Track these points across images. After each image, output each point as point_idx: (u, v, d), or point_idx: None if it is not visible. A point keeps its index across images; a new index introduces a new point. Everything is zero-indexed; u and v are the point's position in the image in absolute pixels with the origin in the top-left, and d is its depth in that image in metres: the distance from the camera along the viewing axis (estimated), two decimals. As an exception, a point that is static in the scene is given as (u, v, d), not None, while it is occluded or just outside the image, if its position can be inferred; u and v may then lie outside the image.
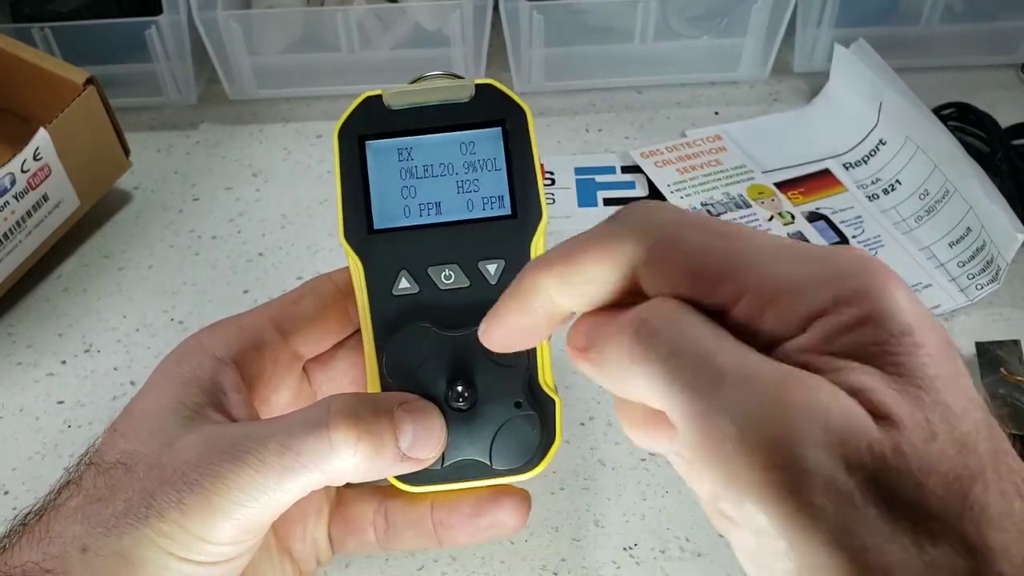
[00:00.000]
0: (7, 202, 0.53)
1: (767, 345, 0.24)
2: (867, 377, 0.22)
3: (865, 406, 0.22)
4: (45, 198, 0.56)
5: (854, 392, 0.22)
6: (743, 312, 0.24)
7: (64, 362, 0.55)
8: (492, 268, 0.36)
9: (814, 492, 0.21)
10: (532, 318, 0.28)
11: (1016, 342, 0.51)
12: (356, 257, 0.36)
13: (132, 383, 0.53)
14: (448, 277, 0.36)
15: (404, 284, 0.36)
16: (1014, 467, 0.23)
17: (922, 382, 0.22)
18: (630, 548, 0.45)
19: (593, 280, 0.26)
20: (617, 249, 0.25)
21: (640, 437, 0.28)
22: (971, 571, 0.21)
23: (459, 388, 0.35)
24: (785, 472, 0.21)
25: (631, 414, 0.28)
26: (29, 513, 0.33)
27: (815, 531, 0.21)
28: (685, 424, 0.23)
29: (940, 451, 0.22)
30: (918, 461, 0.22)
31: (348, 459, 0.32)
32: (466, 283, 0.36)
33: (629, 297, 0.26)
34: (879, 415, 0.22)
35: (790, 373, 0.23)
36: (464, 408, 0.35)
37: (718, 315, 0.25)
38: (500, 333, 0.28)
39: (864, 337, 0.23)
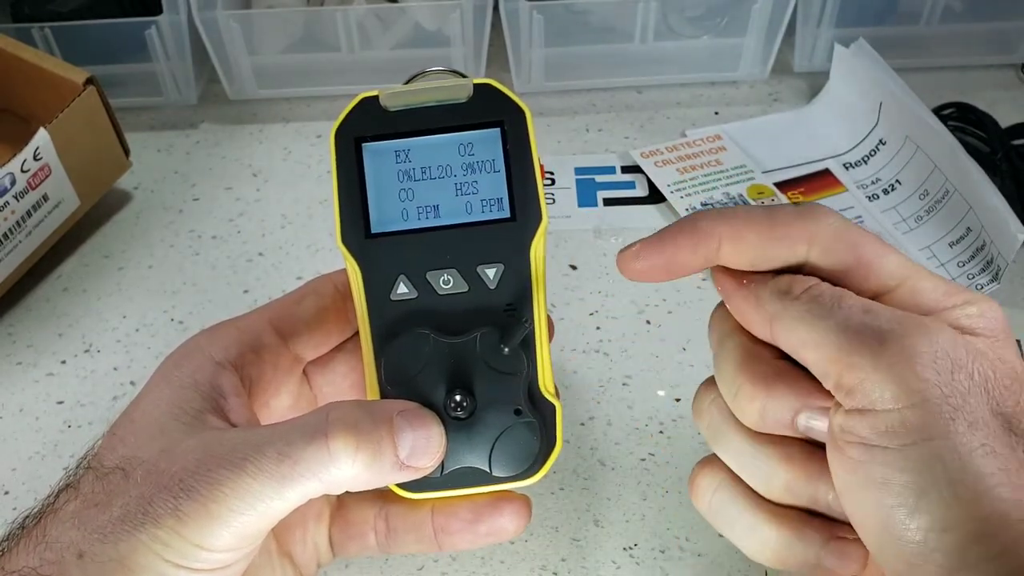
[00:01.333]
0: (7, 202, 0.53)
1: None
2: (976, 340, 0.30)
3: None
4: (45, 198, 0.56)
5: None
6: (892, 299, 0.31)
7: (64, 362, 0.55)
8: (491, 272, 0.35)
9: (942, 371, 0.28)
10: (691, 256, 0.33)
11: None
12: (354, 262, 0.35)
13: (132, 383, 0.53)
14: (447, 282, 0.35)
15: (402, 289, 0.35)
16: None
17: (1007, 358, 0.30)
18: (630, 548, 0.45)
19: (771, 253, 0.32)
20: (809, 234, 0.31)
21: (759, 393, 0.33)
22: None
23: (458, 397, 0.34)
24: (922, 356, 0.28)
25: (758, 368, 0.33)
26: (28, 516, 0.33)
27: (946, 398, 0.27)
28: (833, 339, 0.29)
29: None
30: (1012, 387, 0.29)
31: (347, 468, 0.32)
32: (465, 288, 0.35)
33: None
34: (988, 345, 0.30)
35: (916, 316, 0.30)
36: (463, 417, 0.35)
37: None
38: (649, 261, 0.33)
39: (978, 323, 0.30)
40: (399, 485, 0.35)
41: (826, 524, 0.33)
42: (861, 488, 0.29)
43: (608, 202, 0.63)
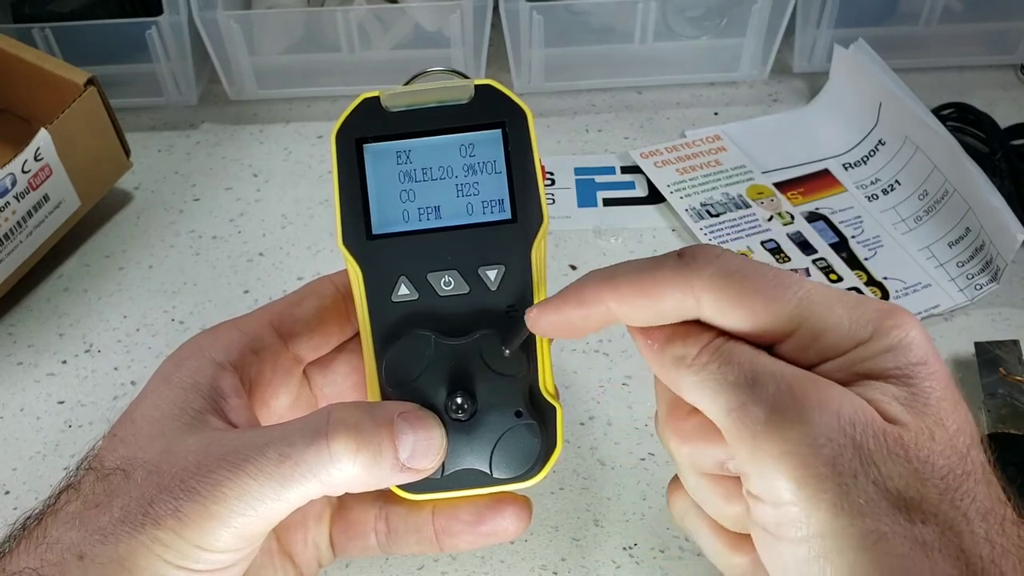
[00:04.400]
0: (8, 202, 0.53)
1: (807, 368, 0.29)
2: (886, 388, 0.28)
3: (877, 409, 0.27)
4: (46, 198, 0.56)
5: (871, 400, 0.27)
6: (792, 345, 0.29)
7: (65, 362, 0.55)
8: (492, 274, 0.35)
9: (821, 463, 0.26)
10: (585, 322, 0.32)
11: (1015, 342, 0.51)
12: (355, 263, 0.35)
13: (132, 383, 0.53)
14: (448, 283, 0.35)
15: (403, 291, 0.35)
16: (995, 480, 0.28)
17: (928, 399, 0.27)
18: (630, 548, 0.45)
19: (660, 310, 0.30)
20: (690, 290, 0.30)
21: (682, 443, 0.32)
22: (956, 548, 0.25)
23: (459, 400, 0.34)
24: (800, 447, 0.26)
25: (678, 423, 0.32)
26: (29, 517, 0.33)
27: (822, 497, 0.26)
28: (725, 417, 0.28)
29: (938, 451, 0.27)
30: (917, 452, 0.26)
31: (347, 469, 0.32)
32: (466, 289, 0.35)
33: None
34: (887, 417, 0.27)
35: (810, 376, 0.28)
36: (464, 419, 0.35)
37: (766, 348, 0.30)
38: (549, 323, 0.33)
39: (889, 362, 0.28)
40: (400, 486, 0.35)
41: None
42: (771, 556, 0.29)
43: (608, 202, 0.63)
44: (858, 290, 0.55)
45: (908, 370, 0.28)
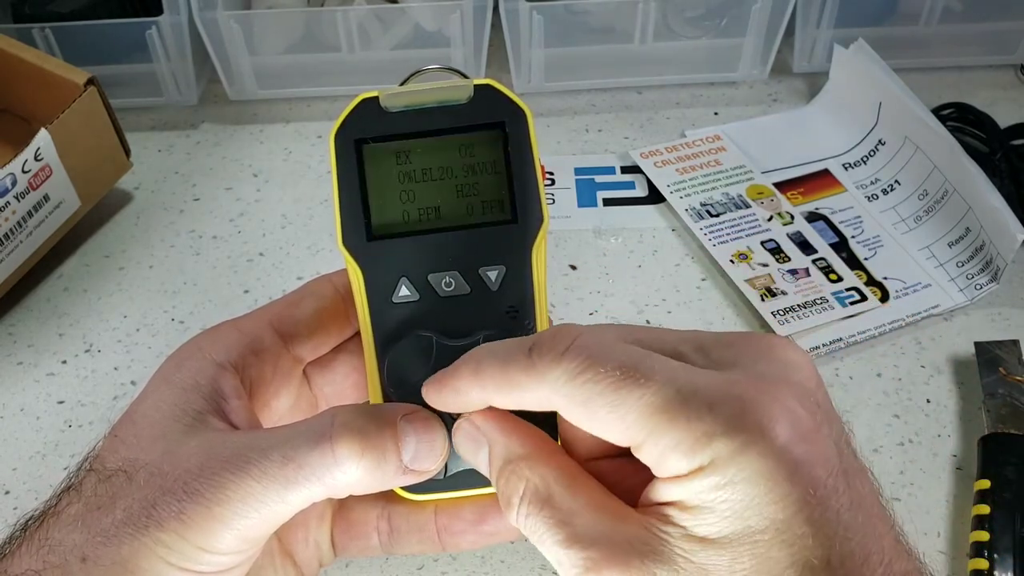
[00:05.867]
0: (8, 202, 0.53)
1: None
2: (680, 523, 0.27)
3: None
4: (46, 198, 0.56)
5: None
6: (644, 456, 0.28)
7: (65, 362, 0.55)
8: (493, 275, 0.35)
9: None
10: (466, 406, 0.32)
11: (1015, 342, 0.51)
12: (355, 264, 0.35)
13: (133, 383, 0.53)
14: (448, 284, 0.35)
15: (404, 292, 0.35)
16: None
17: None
18: (630, 548, 0.45)
19: (527, 404, 0.30)
20: (542, 392, 0.29)
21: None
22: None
23: None
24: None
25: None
26: (30, 519, 0.33)
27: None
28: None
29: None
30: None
31: (351, 472, 0.32)
32: (467, 290, 0.35)
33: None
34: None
35: (617, 534, 0.28)
36: None
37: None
38: (440, 402, 0.33)
39: (721, 498, 0.27)
40: (403, 487, 0.35)
41: None
42: None
43: (608, 202, 0.63)
44: (858, 290, 0.55)
45: (734, 514, 0.26)
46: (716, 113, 0.69)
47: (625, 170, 0.65)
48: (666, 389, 0.27)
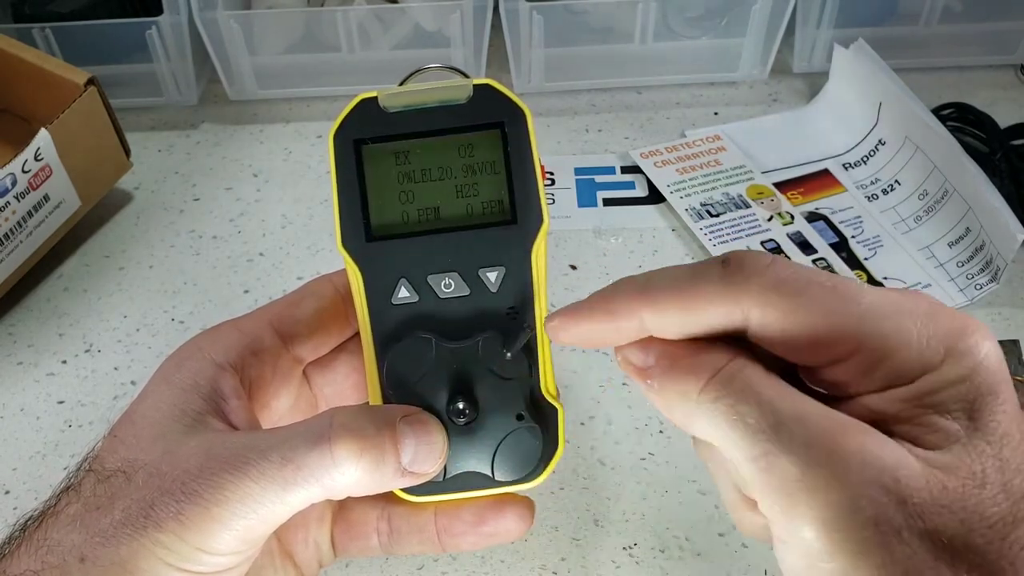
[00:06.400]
0: (8, 202, 0.53)
1: (852, 397, 0.27)
2: (947, 427, 0.26)
3: (928, 452, 0.25)
4: (46, 198, 0.56)
5: (925, 444, 0.26)
6: (852, 368, 0.27)
7: (65, 362, 0.55)
8: (492, 276, 0.35)
9: (865, 526, 0.24)
10: (615, 335, 0.30)
11: (1015, 342, 0.51)
12: (354, 265, 0.35)
13: (133, 383, 0.53)
14: (448, 285, 0.35)
15: (404, 293, 0.35)
16: None
17: (991, 437, 0.26)
18: (630, 548, 0.45)
19: (702, 325, 0.28)
20: (737, 304, 0.27)
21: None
22: None
23: (460, 405, 0.34)
24: (842, 511, 0.24)
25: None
26: (29, 519, 0.33)
27: (865, 558, 0.24)
28: (746, 464, 0.26)
29: (988, 497, 0.25)
30: (964, 502, 0.25)
31: (350, 474, 0.32)
32: (466, 291, 0.35)
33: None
34: (936, 464, 0.25)
35: (841, 421, 0.26)
36: (466, 423, 0.35)
37: (806, 369, 0.28)
38: (573, 334, 0.31)
39: (959, 393, 0.26)
40: (402, 489, 0.35)
41: None
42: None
43: (608, 202, 0.63)
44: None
45: (977, 404, 0.26)
46: (716, 113, 0.69)
47: (625, 170, 0.65)
48: (888, 296, 0.27)
